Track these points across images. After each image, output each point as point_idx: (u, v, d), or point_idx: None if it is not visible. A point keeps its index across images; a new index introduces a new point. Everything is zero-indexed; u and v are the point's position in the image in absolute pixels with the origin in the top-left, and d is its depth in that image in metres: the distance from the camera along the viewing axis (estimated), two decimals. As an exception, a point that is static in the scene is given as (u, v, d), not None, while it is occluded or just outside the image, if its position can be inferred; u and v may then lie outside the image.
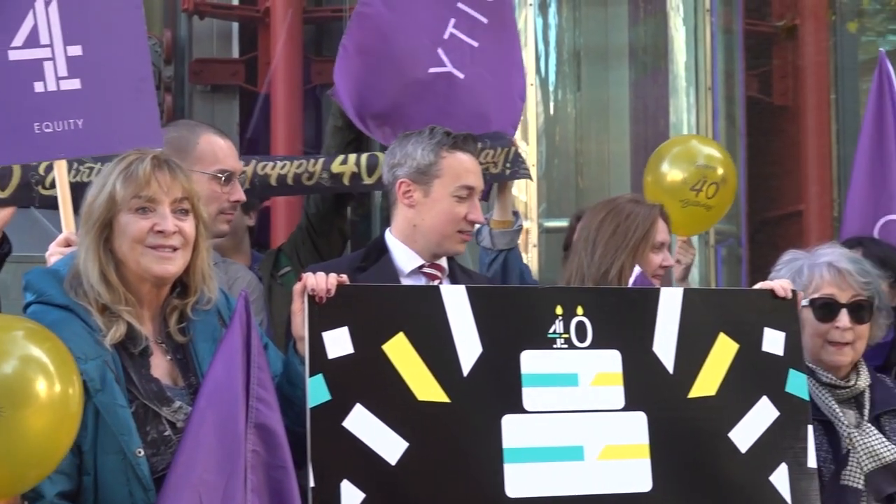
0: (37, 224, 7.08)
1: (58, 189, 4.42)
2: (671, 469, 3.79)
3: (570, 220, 5.83)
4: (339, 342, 3.58)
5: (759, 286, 4.18)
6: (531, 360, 3.74)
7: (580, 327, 3.82)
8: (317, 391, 3.52)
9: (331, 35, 5.59)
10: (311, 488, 3.45)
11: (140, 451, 3.37)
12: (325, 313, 3.59)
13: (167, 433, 3.45)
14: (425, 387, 3.62)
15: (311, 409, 3.50)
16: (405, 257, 4.57)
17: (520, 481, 3.63)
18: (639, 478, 3.75)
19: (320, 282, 3.61)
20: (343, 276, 3.66)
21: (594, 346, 3.82)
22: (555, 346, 3.78)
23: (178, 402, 3.49)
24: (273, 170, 5.19)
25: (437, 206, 4.54)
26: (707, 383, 3.90)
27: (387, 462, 3.54)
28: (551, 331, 3.79)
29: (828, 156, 10.07)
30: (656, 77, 8.82)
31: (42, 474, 3.16)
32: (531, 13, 8.32)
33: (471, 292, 3.77)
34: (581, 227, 5.05)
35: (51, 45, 4.37)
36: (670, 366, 3.87)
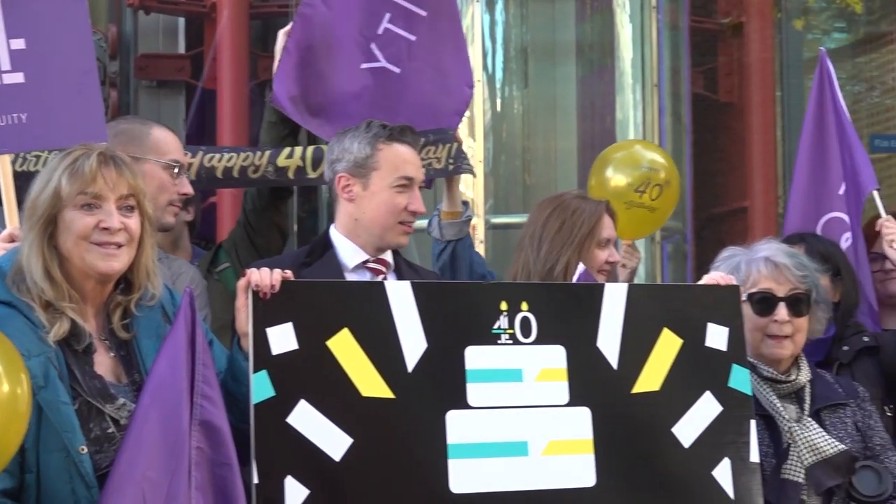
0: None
1: (1, 184, 4.39)
2: (615, 464, 3.80)
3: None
4: (283, 338, 3.56)
5: (701, 281, 4.22)
6: (476, 356, 3.74)
7: (525, 323, 3.82)
8: (261, 387, 3.50)
9: (277, 30, 5.57)
10: (255, 485, 3.44)
11: (83, 449, 3.35)
12: (269, 309, 3.58)
13: (111, 430, 3.43)
14: (370, 383, 3.61)
15: (255, 405, 3.49)
16: (349, 252, 4.57)
17: (464, 477, 3.63)
18: (583, 473, 3.76)
19: (264, 278, 3.59)
20: (287, 272, 3.65)
21: (539, 341, 3.82)
22: (499, 341, 3.78)
23: (121, 399, 3.47)
24: (220, 162, 5.17)
25: (376, 199, 4.54)
26: (651, 378, 3.91)
27: (331, 458, 3.52)
28: (496, 326, 3.79)
29: (773, 153, 10.13)
30: (603, 74, 8.84)
31: (-11, 473, 3.14)
32: (478, 9, 8.31)
33: (416, 288, 3.77)
34: (527, 223, 5.06)
35: (-7, 39, 4.34)
36: (614, 361, 3.88)
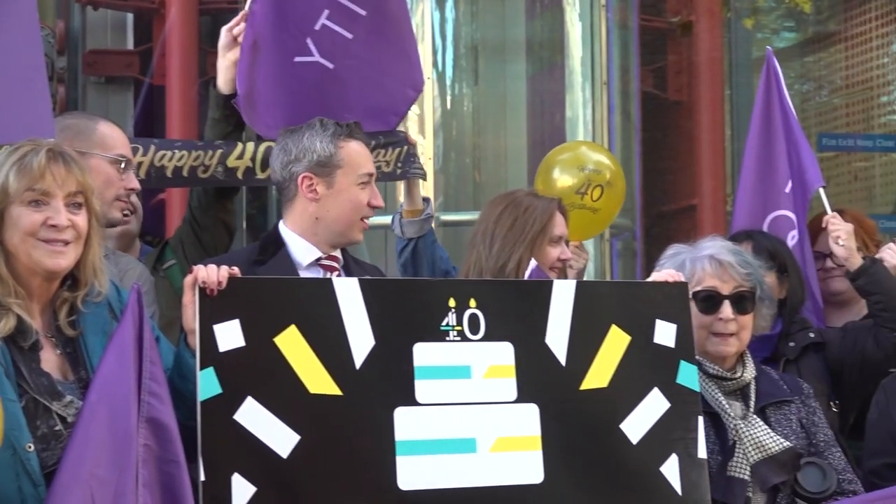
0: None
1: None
2: (563, 461, 3.81)
3: None
4: (230, 335, 3.55)
5: (650, 278, 4.24)
6: (424, 353, 3.74)
7: (473, 319, 3.83)
8: (208, 384, 3.49)
9: (225, 27, 5.60)
10: (202, 482, 3.42)
11: (30, 447, 3.33)
12: (216, 306, 3.56)
13: (58, 428, 3.42)
14: (317, 380, 3.60)
15: (202, 402, 3.47)
16: (302, 250, 4.57)
17: (412, 474, 3.63)
18: (530, 470, 3.77)
19: (211, 274, 3.58)
20: (235, 269, 3.64)
21: (487, 338, 3.82)
22: (447, 338, 3.78)
23: (68, 397, 3.46)
24: (170, 161, 5.14)
25: (342, 196, 4.55)
26: (599, 375, 3.92)
27: (278, 455, 3.51)
28: (444, 323, 3.79)
29: (722, 151, 10.16)
30: (553, 72, 8.86)
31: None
32: (428, 7, 8.31)
33: (363, 285, 3.77)
34: (479, 220, 5.08)
35: (-62, 34, 4.30)
36: (563, 358, 3.89)
